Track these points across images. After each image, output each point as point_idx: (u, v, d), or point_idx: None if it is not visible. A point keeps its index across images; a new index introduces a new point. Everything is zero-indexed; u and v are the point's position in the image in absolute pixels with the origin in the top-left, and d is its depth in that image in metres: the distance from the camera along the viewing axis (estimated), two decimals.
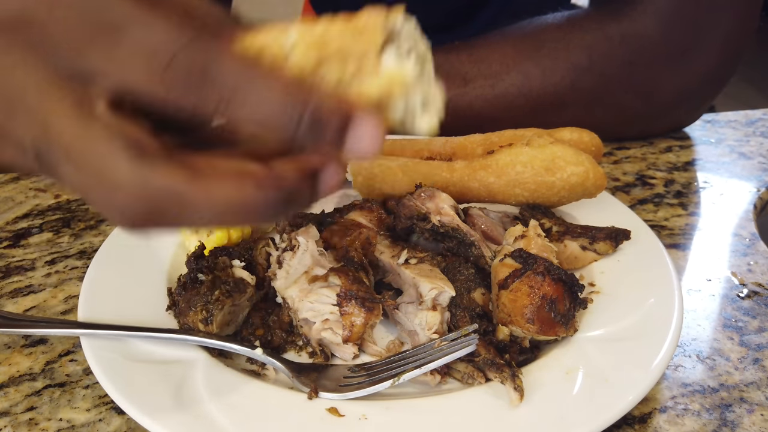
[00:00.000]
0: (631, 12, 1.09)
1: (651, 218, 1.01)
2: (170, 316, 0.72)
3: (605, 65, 1.11)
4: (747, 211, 1.02)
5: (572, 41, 1.11)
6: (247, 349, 0.67)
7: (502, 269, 0.70)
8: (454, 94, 1.15)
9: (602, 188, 0.84)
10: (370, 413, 0.60)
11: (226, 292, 0.69)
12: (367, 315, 0.67)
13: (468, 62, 1.15)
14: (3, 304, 0.83)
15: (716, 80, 1.18)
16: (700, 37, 1.10)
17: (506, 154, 0.84)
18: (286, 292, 0.72)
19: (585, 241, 0.80)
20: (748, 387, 0.69)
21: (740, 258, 0.90)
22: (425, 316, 0.68)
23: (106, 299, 0.73)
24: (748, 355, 0.73)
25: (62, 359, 0.74)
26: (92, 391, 0.69)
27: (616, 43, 1.10)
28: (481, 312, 0.71)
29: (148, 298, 0.74)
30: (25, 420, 0.66)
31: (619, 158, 1.20)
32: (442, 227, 0.79)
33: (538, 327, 0.66)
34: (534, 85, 1.12)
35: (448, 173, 0.87)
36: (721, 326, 0.78)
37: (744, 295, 0.83)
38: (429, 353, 0.64)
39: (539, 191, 0.83)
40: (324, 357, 0.69)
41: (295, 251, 0.76)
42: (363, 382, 0.63)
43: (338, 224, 0.81)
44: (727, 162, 1.18)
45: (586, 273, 0.79)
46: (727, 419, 0.65)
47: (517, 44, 1.14)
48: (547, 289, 0.67)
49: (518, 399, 0.60)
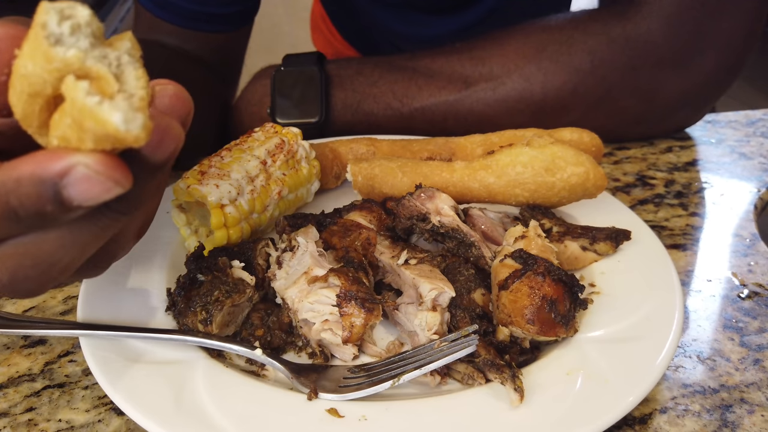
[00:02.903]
0: (635, 15, 1.08)
1: (651, 219, 1.01)
2: (169, 316, 0.72)
3: (608, 68, 1.10)
4: (747, 212, 1.02)
5: (574, 44, 1.10)
6: (246, 349, 0.66)
7: (503, 270, 0.70)
8: (455, 98, 1.14)
9: (602, 189, 0.84)
10: (370, 414, 0.60)
11: (225, 293, 0.69)
12: (366, 316, 0.67)
13: (469, 65, 1.15)
14: (2, 305, 0.83)
15: (719, 83, 1.17)
16: (704, 41, 1.09)
17: (506, 154, 0.84)
18: (286, 293, 0.71)
19: (585, 241, 0.80)
20: (749, 388, 0.69)
21: (741, 258, 0.90)
22: (425, 317, 0.68)
23: (105, 300, 0.72)
24: (748, 356, 0.73)
25: (61, 360, 0.74)
26: (91, 392, 0.69)
27: (619, 47, 1.09)
28: (481, 313, 0.71)
29: (148, 298, 0.74)
30: (24, 421, 0.66)
31: (619, 158, 1.20)
32: (442, 227, 0.79)
33: (539, 328, 0.66)
34: (535, 89, 1.11)
35: (448, 173, 0.87)
36: (722, 327, 0.78)
37: (744, 295, 0.83)
38: (429, 354, 0.64)
39: (539, 192, 0.83)
40: (324, 358, 0.69)
41: (295, 252, 0.76)
42: (363, 383, 0.63)
43: (338, 225, 0.81)
44: (727, 162, 1.18)
45: (587, 273, 0.79)
46: (727, 420, 0.65)
47: (518, 46, 1.13)
48: (548, 289, 0.66)
49: (518, 400, 0.59)
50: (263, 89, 1.24)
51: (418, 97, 1.16)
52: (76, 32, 0.38)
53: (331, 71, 1.21)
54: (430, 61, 1.18)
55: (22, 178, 0.40)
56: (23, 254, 0.47)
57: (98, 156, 0.40)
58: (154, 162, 0.44)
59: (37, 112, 0.41)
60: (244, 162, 0.85)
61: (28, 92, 0.40)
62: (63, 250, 0.47)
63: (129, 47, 0.41)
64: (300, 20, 3.14)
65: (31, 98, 0.40)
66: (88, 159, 0.40)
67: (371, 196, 0.91)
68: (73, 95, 0.38)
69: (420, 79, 1.17)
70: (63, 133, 0.40)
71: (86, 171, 0.40)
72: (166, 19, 1.23)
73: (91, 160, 0.40)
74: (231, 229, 0.81)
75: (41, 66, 0.38)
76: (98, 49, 0.39)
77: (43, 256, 0.47)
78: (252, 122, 1.23)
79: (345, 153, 1.01)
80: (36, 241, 0.46)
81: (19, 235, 0.46)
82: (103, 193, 0.41)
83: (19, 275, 0.48)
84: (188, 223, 0.87)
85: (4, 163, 0.42)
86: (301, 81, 1.19)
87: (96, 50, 0.39)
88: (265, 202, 0.86)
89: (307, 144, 0.95)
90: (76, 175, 0.40)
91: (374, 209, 0.85)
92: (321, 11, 1.83)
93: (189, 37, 1.26)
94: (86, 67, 0.39)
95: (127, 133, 0.38)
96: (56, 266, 0.49)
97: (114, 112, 0.38)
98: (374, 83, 1.19)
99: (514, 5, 1.49)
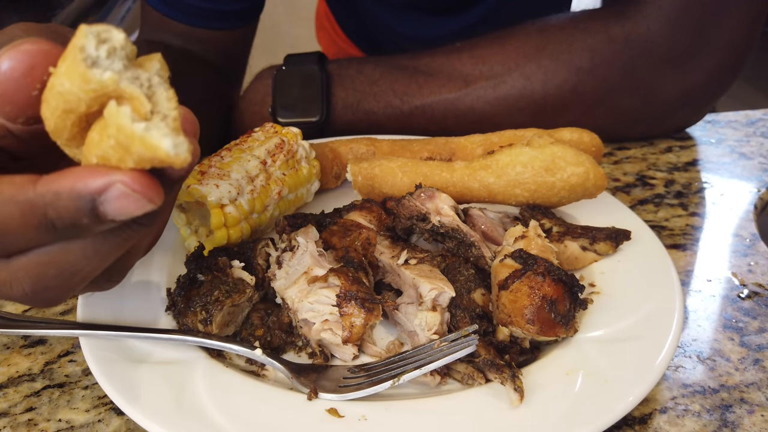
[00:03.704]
0: (635, 14, 1.08)
1: (651, 219, 1.01)
2: (169, 316, 0.72)
3: (608, 68, 1.10)
4: (747, 212, 1.02)
5: (575, 43, 1.10)
6: (246, 349, 0.66)
7: (502, 270, 0.70)
8: (455, 96, 1.14)
9: (602, 189, 0.84)
10: (370, 414, 0.60)
11: (225, 293, 0.69)
12: (366, 315, 0.67)
13: (470, 63, 1.15)
14: (2, 305, 0.83)
15: (720, 83, 1.17)
16: (705, 40, 1.09)
17: (506, 154, 0.84)
18: (286, 293, 0.71)
19: (585, 241, 0.80)
20: (749, 388, 0.69)
21: (741, 258, 0.90)
22: (425, 317, 0.68)
23: (105, 300, 0.72)
24: (748, 356, 0.73)
25: (61, 360, 0.74)
26: (91, 392, 0.69)
27: (620, 46, 1.09)
28: (481, 312, 0.71)
29: (148, 298, 0.74)
30: (24, 421, 0.66)
31: (619, 158, 1.20)
32: (442, 227, 0.79)
33: (539, 328, 0.66)
34: (536, 87, 1.12)
35: (448, 173, 0.87)
36: (722, 327, 0.78)
37: (744, 295, 0.83)
38: (429, 354, 0.64)
39: (539, 191, 0.83)
40: (324, 358, 0.69)
41: (295, 252, 0.76)
42: (363, 383, 0.63)
43: (338, 225, 0.81)
44: (727, 162, 1.18)
45: (587, 273, 0.79)
46: (727, 420, 0.65)
47: (519, 45, 1.13)
48: (548, 289, 0.66)
49: (518, 400, 0.59)
50: (265, 89, 1.24)
51: (419, 95, 1.16)
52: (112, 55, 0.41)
53: (332, 71, 1.21)
54: (431, 60, 1.18)
55: (61, 192, 0.43)
56: (47, 263, 0.49)
57: (135, 175, 0.43)
58: (176, 178, 0.47)
59: (68, 126, 0.44)
60: (244, 162, 0.85)
61: (63, 108, 0.42)
62: (85, 260, 0.49)
63: (158, 68, 0.43)
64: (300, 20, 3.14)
65: (65, 114, 0.43)
66: (126, 177, 0.43)
67: (371, 196, 0.91)
68: (119, 122, 0.40)
69: (420, 77, 1.17)
70: (104, 153, 0.43)
71: (124, 189, 0.43)
72: (174, 18, 1.24)
73: (129, 179, 0.43)
74: (231, 229, 0.81)
75: (78, 86, 0.41)
76: (131, 71, 0.42)
77: (65, 265, 0.49)
78: (254, 122, 1.24)
79: (345, 153, 1.01)
80: (60, 251, 0.48)
81: (46, 245, 0.48)
82: (137, 209, 0.44)
83: (42, 284, 0.50)
84: (188, 223, 0.87)
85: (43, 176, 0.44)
86: (302, 80, 1.19)
87: (129, 72, 0.42)
88: (265, 202, 0.86)
89: (307, 144, 0.95)
90: (114, 192, 0.43)
91: (374, 209, 0.85)
92: (326, 10, 1.84)
93: (195, 36, 1.26)
94: (120, 89, 0.41)
95: (176, 157, 0.41)
96: (77, 276, 0.50)
97: (163, 139, 0.40)
98: (375, 82, 1.19)
99: (514, 5, 1.49)
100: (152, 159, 0.41)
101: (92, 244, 0.48)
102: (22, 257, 0.49)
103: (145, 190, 0.43)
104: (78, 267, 0.50)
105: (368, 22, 1.66)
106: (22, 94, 0.44)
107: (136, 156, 0.41)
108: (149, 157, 0.41)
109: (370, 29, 1.69)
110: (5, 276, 0.50)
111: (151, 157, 0.41)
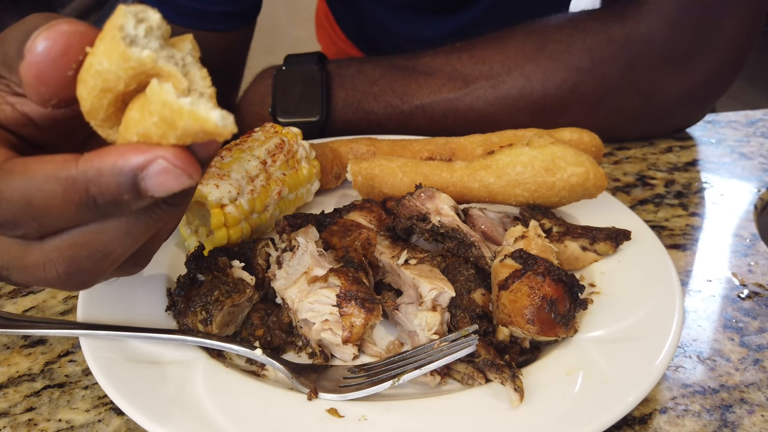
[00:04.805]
0: (635, 14, 1.08)
1: (651, 219, 1.01)
2: (169, 316, 0.72)
3: (608, 68, 1.10)
4: (747, 212, 1.02)
5: (574, 43, 1.10)
6: (246, 349, 0.66)
7: (502, 270, 0.70)
8: (455, 96, 1.14)
9: (602, 189, 0.84)
10: (370, 414, 0.60)
11: (225, 293, 0.69)
12: (366, 316, 0.67)
13: (469, 63, 1.15)
14: (2, 305, 0.83)
15: (720, 83, 1.17)
16: (705, 40, 1.09)
17: (506, 154, 0.84)
18: (286, 293, 0.71)
19: (585, 241, 0.80)
20: (749, 388, 0.69)
21: (741, 258, 0.90)
22: (425, 317, 0.68)
23: (105, 300, 0.72)
24: (748, 356, 0.73)
25: (61, 360, 0.74)
26: (91, 392, 0.69)
27: (619, 46, 1.09)
28: (481, 313, 0.71)
29: (148, 298, 0.74)
30: (24, 420, 0.66)
31: (619, 159, 1.20)
32: (442, 227, 0.79)
33: (539, 328, 0.66)
34: (535, 87, 1.12)
35: (448, 173, 0.87)
36: (722, 327, 0.78)
37: (744, 295, 0.83)
38: (429, 354, 0.64)
39: (539, 192, 0.83)
40: (324, 358, 0.69)
41: (295, 252, 0.76)
42: (363, 383, 0.63)
43: (338, 224, 0.81)
44: (727, 162, 1.18)
45: (587, 273, 0.79)
46: (727, 420, 0.65)
47: (519, 45, 1.13)
48: (548, 289, 0.66)
49: (518, 400, 0.59)
50: (265, 89, 1.24)
51: (418, 94, 1.16)
52: (149, 34, 0.42)
53: (332, 71, 1.21)
54: (431, 60, 1.18)
55: (104, 168, 0.44)
56: (81, 244, 0.49)
57: (177, 150, 0.43)
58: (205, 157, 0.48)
59: (105, 106, 0.44)
60: (244, 162, 0.85)
61: (101, 87, 0.43)
62: (117, 241, 0.50)
63: (190, 48, 0.45)
64: (300, 20, 3.14)
65: (103, 93, 0.43)
66: (167, 153, 0.43)
67: (371, 196, 0.91)
68: (164, 98, 0.41)
69: (420, 77, 1.17)
70: (146, 131, 0.43)
71: (165, 165, 0.43)
72: (171, 20, 1.23)
73: (171, 154, 0.43)
74: (231, 229, 0.81)
75: (117, 64, 0.41)
76: (166, 50, 0.43)
77: (99, 246, 0.49)
78: (254, 122, 1.24)
79: (345, 153, 1.01)
80: (95, 231, 0.49)
81: (83, 224, 0.48)
82: (178, 185, 0.44)
83: (75, 266, 0.50)
84: (188, 223, 0.87)
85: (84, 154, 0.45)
86: (302, 80, 1.19)
87: (165, 51, 0.43)
88: (265, 202, 0.86)
89: (307, 144, 0.95)
90: (156, 167, 0.43)
91: (374, 209, 0.85)
92: (325, 9, 1.84)
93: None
94: (158, 67, 0.42)
95: (224, 128, 0.42)
96: (109, 257, 0.51)
97: (212, 111, 0.41)
98: (375, 82, 1.19)
99: (510, 6, 1.49)
100: (198, 132, 0.42)
101: (125, 224, 0.49)
102: (56, 239, 0.49)
103: (185, 166, 0.44)
104: (111, 248, 0.50)
105: (366, 21, 1.67)
106: (58, 75, 0.44)
107: (180, 131, 0.42)
108: (195, 131, 0.42)
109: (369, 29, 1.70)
110: (38, 258, 0.50)
111: (197, 131, 0.42)
